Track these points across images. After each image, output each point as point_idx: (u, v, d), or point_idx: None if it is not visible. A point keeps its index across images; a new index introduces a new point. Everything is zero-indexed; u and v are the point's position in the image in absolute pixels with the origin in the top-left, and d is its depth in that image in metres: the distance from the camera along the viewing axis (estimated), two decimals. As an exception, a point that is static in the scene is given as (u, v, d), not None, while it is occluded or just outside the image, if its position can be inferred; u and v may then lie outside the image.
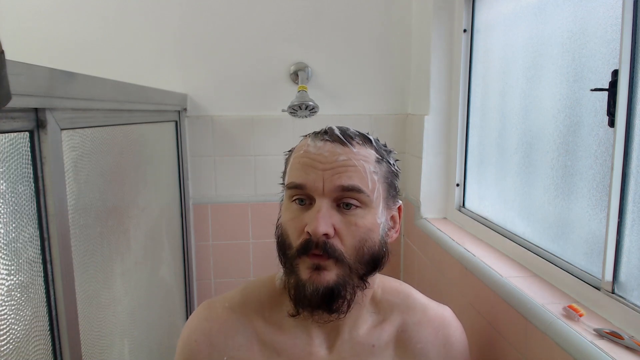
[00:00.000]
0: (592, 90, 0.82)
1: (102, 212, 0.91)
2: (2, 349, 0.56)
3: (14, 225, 0.59)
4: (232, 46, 1.63)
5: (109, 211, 0.95)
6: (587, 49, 0.87)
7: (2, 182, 0.57)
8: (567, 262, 0.92)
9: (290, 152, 0.76)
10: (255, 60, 1.64)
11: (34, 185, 0.63)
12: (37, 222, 0.64)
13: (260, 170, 1.70)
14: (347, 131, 0.72)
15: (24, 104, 0.59)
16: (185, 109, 1.62)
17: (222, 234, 1.71)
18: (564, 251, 0.94)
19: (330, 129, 0.72)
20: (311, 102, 1.51)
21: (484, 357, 0.97)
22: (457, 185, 1.46)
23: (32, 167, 0.63)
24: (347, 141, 0.70)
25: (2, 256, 0.57)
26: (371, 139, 0.74)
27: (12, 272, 0.59)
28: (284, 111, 1.56)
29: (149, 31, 1.60)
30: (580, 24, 0.90)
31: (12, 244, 0.59)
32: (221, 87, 1.65)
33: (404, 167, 1.69)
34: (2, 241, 0.57)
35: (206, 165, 1.68)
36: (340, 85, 1.68)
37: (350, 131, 0.73)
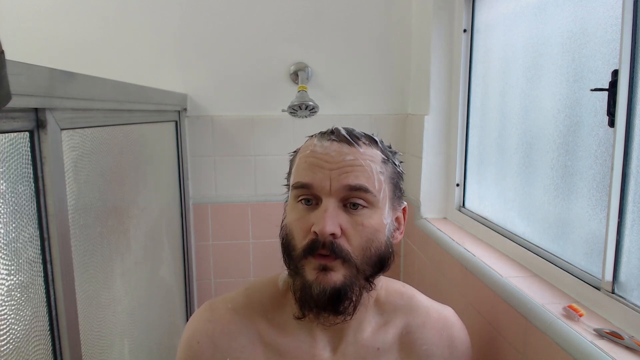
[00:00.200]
0: (592, 90, 0.82)
1: (102, 212, 0.91)
2: (2, 349, 0.56)
3: (14, 225, 0.59)
4: (232, 46, 1.63)
5: (109, 211, 0.95)
6: (587, 49, 0.87)
7: (2, 182, 0.57)
8: (567, 262, 0.92)
9: (295, 153, 0.76)
10: (255, 60, 1.64)
11: (34, 185, 0.63)
12: (37, 222, 0.64)
13: (260, 170, 1.70)
14: (353, 131, 0.72)
15: (24, 104, 0.59)
16: (185, 109, 1.62)
17: (222, 234, 1.71)
18: (564, 251, 0.94)
19: (336, 129, 0.72)
20: (311, 102, 1.51)
21: (484, 357, 0.97)
22: (457, 185, 1.46)
23: (32, 167, 0.63)
24: (353, 141, 0.70)
25: (2, 256, 0.57)
26: (377, 139, 0.74)
27: (12, 272, 0.59)
28: (284, 111, 1.56)
29: (149, 31, 1.60)
30: (580, 24, 0.90)
31: (12, 244, 0.59)
32: (221, 87, 1.65)
33: (404, 167, 1.68)
34: (2, 241, 0.57)
35: (206, 165, 1.68)
36: (340, 85, 1.68)
37: (356, 132, 0.73)
